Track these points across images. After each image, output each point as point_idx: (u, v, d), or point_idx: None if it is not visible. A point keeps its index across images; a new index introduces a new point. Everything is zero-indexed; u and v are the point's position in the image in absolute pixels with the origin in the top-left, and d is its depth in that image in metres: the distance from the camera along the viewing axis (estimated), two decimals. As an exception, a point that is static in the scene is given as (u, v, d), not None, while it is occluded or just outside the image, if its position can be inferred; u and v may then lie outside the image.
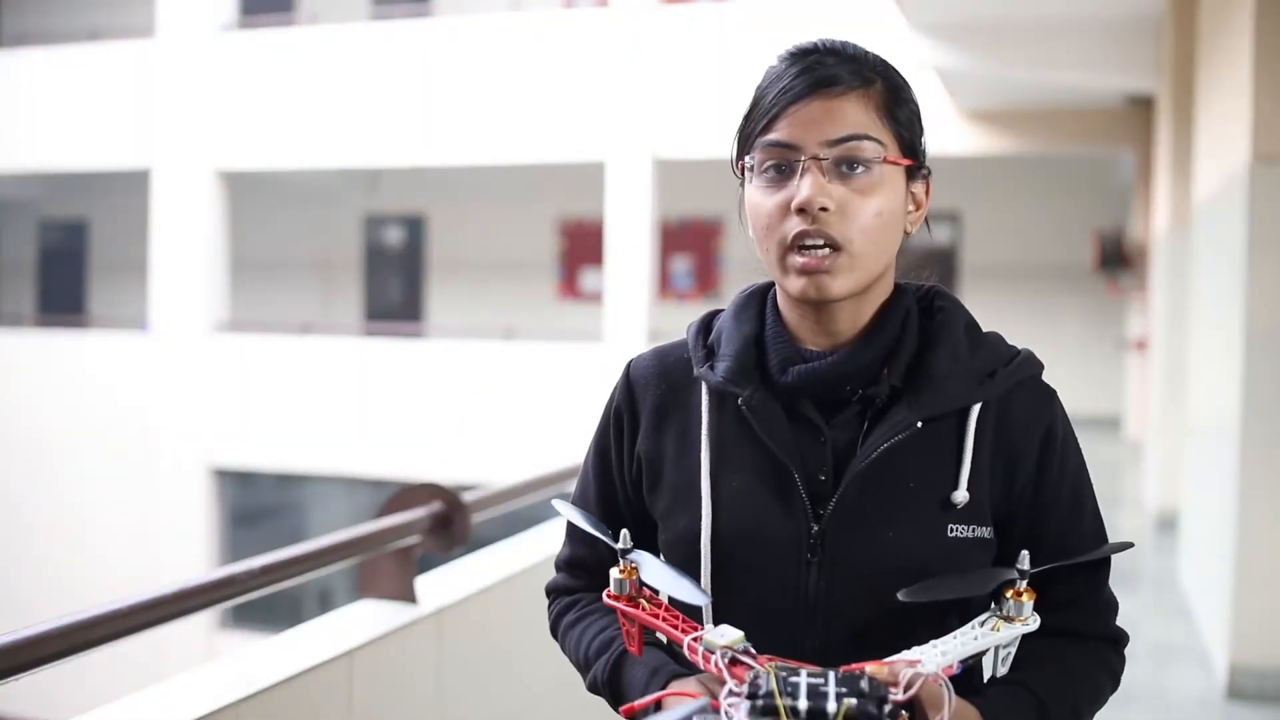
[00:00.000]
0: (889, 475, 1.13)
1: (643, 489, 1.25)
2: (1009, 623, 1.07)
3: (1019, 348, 1.21)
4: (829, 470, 1.14)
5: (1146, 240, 10.15)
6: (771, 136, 1.12)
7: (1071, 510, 1.18)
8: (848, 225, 1.10)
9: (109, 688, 3.07)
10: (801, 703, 0.82)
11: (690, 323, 1.27)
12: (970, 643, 1.06)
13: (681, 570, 1.12)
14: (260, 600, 2.15)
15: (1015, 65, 8.93)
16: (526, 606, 1.41)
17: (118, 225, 16.03)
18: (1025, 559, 1.07)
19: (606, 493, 1.29)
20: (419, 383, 12.28)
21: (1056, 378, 1.22)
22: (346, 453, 12.32)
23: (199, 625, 11.64)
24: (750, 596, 1.04)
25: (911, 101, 1.17)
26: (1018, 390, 1.17)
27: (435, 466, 11.19)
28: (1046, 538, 1.15)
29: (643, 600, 1.13)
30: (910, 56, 9.43)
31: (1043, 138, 11.24)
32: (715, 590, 1.16)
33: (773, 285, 1.23)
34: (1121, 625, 1.22)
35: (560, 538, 1.39)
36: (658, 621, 1.11)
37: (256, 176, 13.62)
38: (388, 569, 2.47)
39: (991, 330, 1.22)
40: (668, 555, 1.20)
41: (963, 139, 11.26)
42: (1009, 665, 1.09)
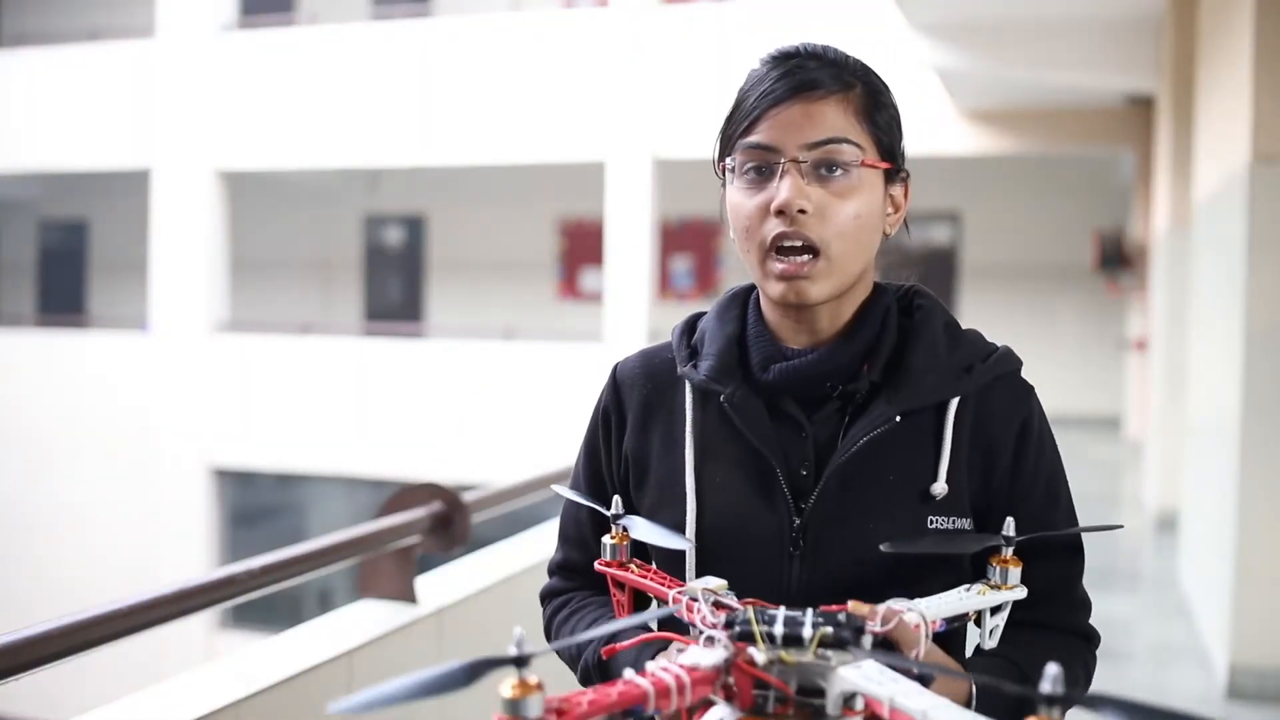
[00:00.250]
0: (869, 468, 1.15)
1: (629, 487, 1.27)
2: (995, 590, 1.10)
3: (998, 344, 1.23)
4: (810, 465, 1.17)
5: (1146, 240, 10.15)
6: (752, 139, 1.15)
7: (1047, 502, 1.20)
8: (826, 227, 1.12)
9: (109, 688, 3.07)
10: (778, 628, 0.85)
11: (675, 324, 1.30)
12: (955, 603, 1.08)
13: (668, 565, 1.17)
14: (260, 600, 2.15)
15: (1015, 65, 8.93)
16: (527, 606, 1.41)
17: (118, 225, 16.03)
18: (1010, 525, 1.10)
19: (597, 492, 1.31)
20: (419, 383, 12.28)
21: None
22: (346, 453, 12.32)
23: (199, 625, 11.64)
24: (734, 589, 1.06)
25: (891, 105, 1.20)
26: (996, 385, 1.20)
27: (435, 466, 11.20)
28: (1022, 528, 1.17)
29: (632, 565, 1.17)
30: (910, 56, 9.44)
31: (1043, 138, 11.24)
32: None
33: (755, 287, 1.25)
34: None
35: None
36: (645, 582, 1.14)
37: (256, 176, 13.63)
38: (388, 569, 2.47)
39: (971, 328, 1.24)
40: (654, 550, 1.22)
41: (963, 139, 11.27)
42: (996, 640, 1.12)
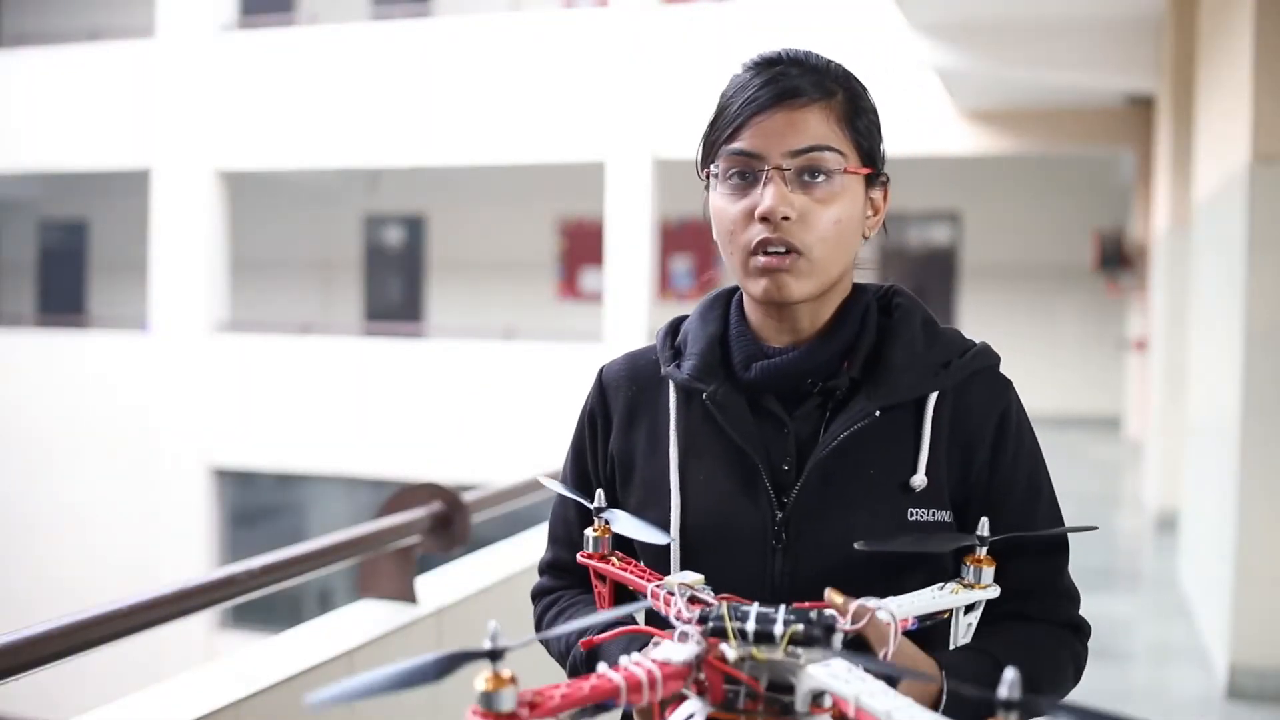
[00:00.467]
0: (850, 463, 1.17)
1: (616, 486, 1.29)
2: (969, 590, 1.11)
3: (976, 341, 1.25)
4: (792, 460, 1.18)
5: (1146, 240, 10.15)
6: (736, 145, 1.17)
7: (1028, 495, 1.22)
8: (808, 233, 1.15)
9: (109, 688, 3.07)
10: (750, 625, 0.87)
11: (659, 326, 1.32)
12: (928, 601, 1.09)
13: (654, 560, 1.19)
14: (260, 600, 2.15)
15: (1015, 65, 8.93)
16: (526, 606, 1.42)
17: (118, 225, 16.03)
18: (985, 525, 1.12)
19: (584, 492, 1.31)
20: (419, 383, 12.28)
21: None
22: (346, 453, 12.32)
23: (199, 625, 11.64)
24: (718, 584, 1.08)
25: (871, 110, 1.22)
26: (974, 380, 1.22)
27: (435, 466, 11.20)
28: (1003, 521, 1.17)
29: (613, 558, 1.19)
30: (910, 56, 9.44)
31: (1042, 138, 11.24)
32: None
33: (738, 289, 1.27)
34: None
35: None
36: (626, 575, 1.15)
37: (256, 176, 13.63)
38: (388, 569, 2.47)
39: (949, 326, 1.27)
40: (640, 548, 1.24)
41: (963, 139, 11.27)
42: (970, 638, 1.14)
